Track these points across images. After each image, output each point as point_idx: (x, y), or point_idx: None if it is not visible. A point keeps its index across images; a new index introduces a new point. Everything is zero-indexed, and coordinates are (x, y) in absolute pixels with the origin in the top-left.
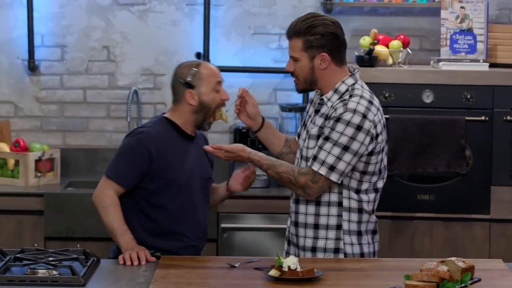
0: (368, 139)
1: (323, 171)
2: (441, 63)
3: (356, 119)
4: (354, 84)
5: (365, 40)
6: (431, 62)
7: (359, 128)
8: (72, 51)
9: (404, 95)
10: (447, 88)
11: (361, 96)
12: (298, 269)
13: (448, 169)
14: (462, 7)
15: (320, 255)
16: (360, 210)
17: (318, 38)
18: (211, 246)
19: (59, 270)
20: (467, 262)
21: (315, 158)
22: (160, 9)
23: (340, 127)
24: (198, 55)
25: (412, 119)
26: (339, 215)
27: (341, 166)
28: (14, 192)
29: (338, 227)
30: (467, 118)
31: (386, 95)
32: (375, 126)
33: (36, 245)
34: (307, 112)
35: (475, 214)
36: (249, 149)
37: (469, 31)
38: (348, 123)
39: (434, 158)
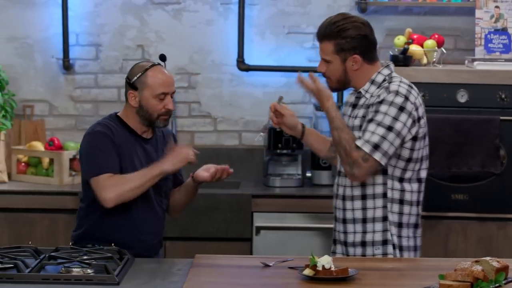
0: (410, 121)
1: (367, 148)
2: (475, 63)
3: (399, 100)
4: (390, 73)
5: (400, 40)
6: (466, 61)
7: (401, 108)
8: (106, 50)
9: (438, 94)
10: (482, 87)
11: (401, 81)
12: (332, 268)
13: (483, 169)
14: (496, 7)
15: (369, 249)
16: (402, 201)
17: (349, 41)
18: (245, 245)
19: (94, 269)
20: (502, 262)
21: (359, 138)
22: (195, 8)
23: (383, 107)
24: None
25: (446, 118)
26: (385, 207)
27: (384, 145)
28: (48, 190)
29: (384, 218)
30: (501, 117)
31: (421, 94)
32: (417, 109)
33: (70, 243)
34: (343, 114)
35: (509, 214)
36: (332, 101)
37: (503, 31)
38: (391, 103)
39: (469, 157)
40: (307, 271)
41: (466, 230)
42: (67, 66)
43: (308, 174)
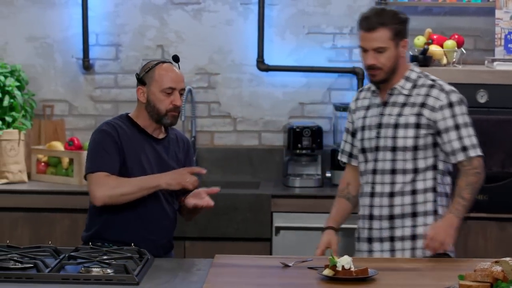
0: None
1: (480, 152)
2: (495, 63)
3: (460, 96)
4: (420, 71)
5: (420, 40)
6: (486, 62)
7: (464, 103)
8: (126, 50)
9: None
10: (502, 88)
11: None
12: (352, 269)
13: (502, 169)
14: None
15: (419, 242)
16: (447, 194)
17: (402, 25)
18: (265, 245)
19: (113, 269)
20: None
21: (465, 148)
22: (215, 8)
23: (457, 109)
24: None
25: None
26: (435, 201)
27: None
28: (68, 190)
29: (435, 212)
30: None
31: None
32: None
33: (90, 243)
34: (363, 117)
35: None
36: (452, 215)
37: None
38: (459, 103)
39: (488, 158)
40: (327, 272)
41: (486, 231)
42: (87, 66)
43: (328, 174)
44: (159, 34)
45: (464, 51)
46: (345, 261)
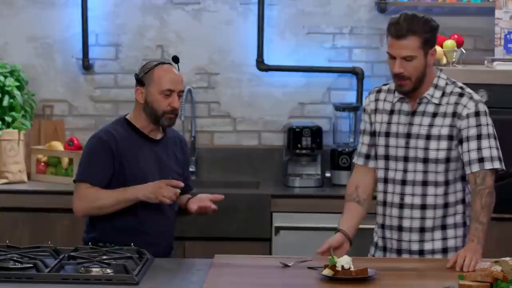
0: None
1: (497, 165)
2: (495, 63)
3: (485, 107)
4: (447, 77)
5: None
6: (485, 62)
7: (488, 114)
8: (126, 50)
9: None
10: (502, 88)
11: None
12: (352, 269)
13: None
14: None
15: (450, 256)
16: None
17: (433, 34)
18: (265, 245)
19: (113, 269)
20: None
21: (481, 160)
22: (215, 8)
23: (483, 119)
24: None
25: None
26: (464, 212)
27: (500, 153)
28: (68, 190)
29: (464, 224)
30: None
31: None
32: None
33: (90, 243)
34: (387, 122)
35: None
36: (475, 243)
37: None
38: (485, 113)
39: None
40: (327, 271)
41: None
42: (86, 66)
43: (328, 174)
44: (159, 34)
45: (464, 51)
46: (345, 261)
